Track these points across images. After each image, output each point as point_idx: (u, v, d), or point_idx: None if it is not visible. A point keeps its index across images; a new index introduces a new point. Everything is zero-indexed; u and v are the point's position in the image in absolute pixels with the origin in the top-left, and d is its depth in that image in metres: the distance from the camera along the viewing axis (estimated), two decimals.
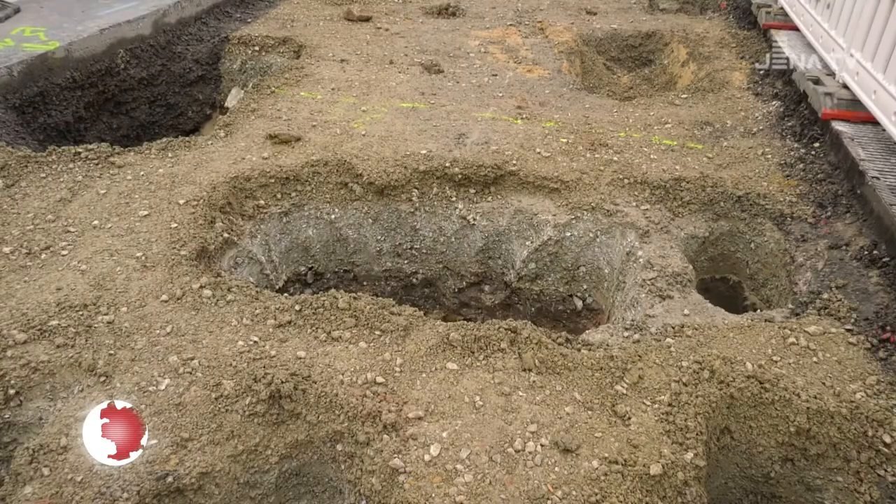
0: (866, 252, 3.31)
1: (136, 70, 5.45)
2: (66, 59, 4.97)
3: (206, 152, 4.07)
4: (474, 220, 3.91)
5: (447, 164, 3.97)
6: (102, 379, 2.48)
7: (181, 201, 3.53)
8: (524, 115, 4.71)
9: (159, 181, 3.72)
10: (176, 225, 3.33)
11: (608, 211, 3.74)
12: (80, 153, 3.96)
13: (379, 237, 4.00)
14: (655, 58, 6.65)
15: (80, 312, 2.77)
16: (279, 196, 3.85)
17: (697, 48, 6.22)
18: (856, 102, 4.37)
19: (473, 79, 5.33)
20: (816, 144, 4.38)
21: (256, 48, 5.93)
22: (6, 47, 4.92)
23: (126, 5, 5.99)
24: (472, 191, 3.96)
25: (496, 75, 5.42)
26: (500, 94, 5.06)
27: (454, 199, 3.94)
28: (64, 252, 3.14)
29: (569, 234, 3.79)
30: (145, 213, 3.44)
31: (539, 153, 4.16)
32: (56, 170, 3.82)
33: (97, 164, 3.88)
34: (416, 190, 3.93)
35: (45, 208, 3.47)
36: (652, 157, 4.22)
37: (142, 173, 3.80)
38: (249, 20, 6.50)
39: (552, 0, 7.70)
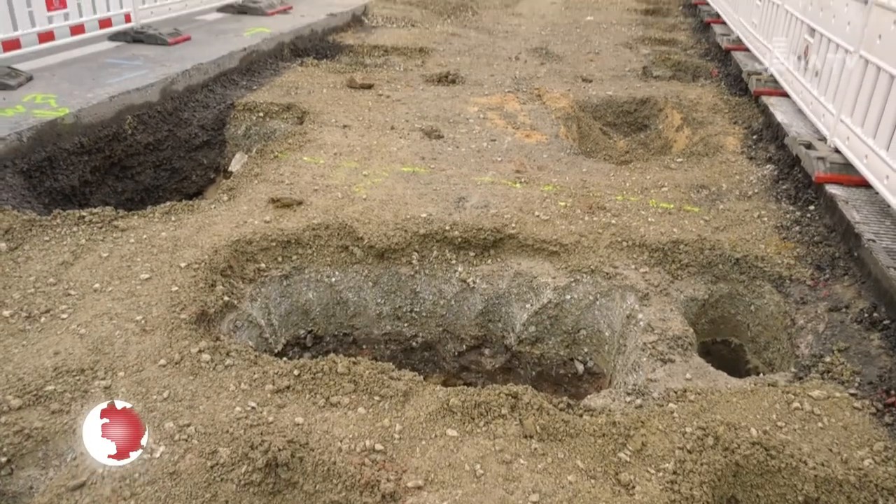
0: (866, 315, 3.31)
1: (143, 135, 5.57)
2: (75, 124, 5.09)
3: (209, 216, 4.12)
4: (474, 283, 3.92)
5: (447, 228, 4.01)
6: None
7: (183, 264, 3.55)
8: (523, 179, 4.79)
9: (162, 244, 3.75)
10: (177, 288, 3.34)
11: (607, 274, 3.76)
12: (84, 217, 4.00)
13: (379, 300, 4.00)
14: (650, 123, 6.81)
15: (77, 377, 2.74)
16: (280, 259, 3.87)
17: (691, 114, 6.38)
18: (848, 166, 4.46)
19: (473, 144, 5.45)
20: (811, 207, 4.44)
21: (261, 114, 6.08)
22: (17, 113, 5.04)
23: (136, 73, 6.17)
24: (472, 254, 3.99)
25: (495, 140, 5.54)
26: (499, 159, 5.16)
27: (454, 262, 3.96)
28: (63, 315, 3.13)
29: (568, 296, 3.79)
30: (147, 276, 3.45)
31: (538, 216, 4.21)
32: (60, 233, 3.85)
33: (101, 228, 3.92)
34: (416, 253, 3.96)
35: (46, 271, 3.48)
36: (649, 219, 4.27)
37: (144, 237, 3.83)
38: (255, 87, 6.68)
39: (549, 68, 7.95)
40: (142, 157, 5.55)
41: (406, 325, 4.07)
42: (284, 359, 3.09)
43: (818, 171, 4.50)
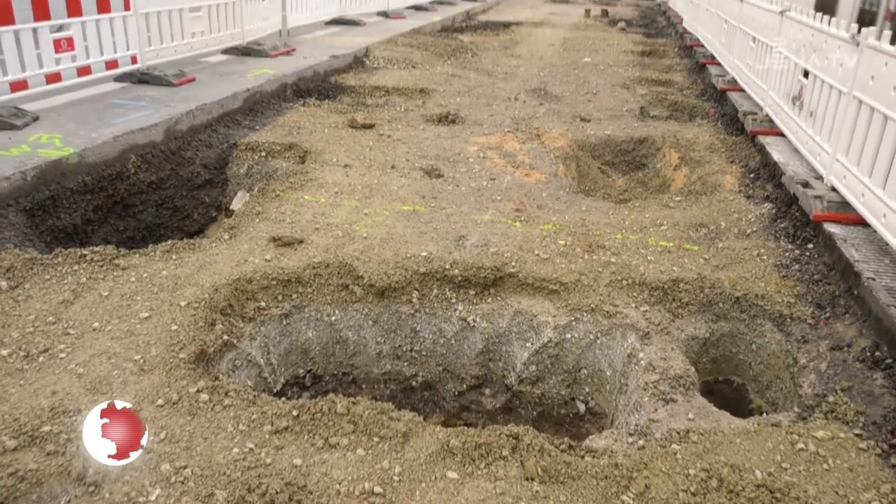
0: (868, 353, 3.30)
1: (146, 174, 5.63)
2: (79, 164, 5.14)
3: (210, 254, 4.13)
4: (474, 321, 3.91)
5: (447, 266, 4.02)
6: (91, 489, 2.40)
7: (183, 303, 3.54)
8: (522, 218, 4.82)
9: (162, 283, 3.76)
10: (176, 327, 3.33)
11: (608, 312, 3.76)
12: (85, 255, 4.02)
13: (379, 339, 3.99)
14: (648, 162, 6.88)
15: (74, 418, 2.72)
16: (280, 298, 3.87)
17: (688, 153, 6.45)
18: (845, 205, 4.49)
19: (473, 182, 5.50)
20: (810, 246, 4.46)
21: (263, 153, 6.15)
22: (22, 153, 5.10)
23: (140, 113, 6.26)
24: (472, 292, 3.99)
25: (495, 179, 5.59)
26: (499, 198, 5.20)
27: (454, 300, 3.96)
28: (62, 355, 3.12)
29: (569, 335, 3.78)
30: (146, 315, 3.45)
31: (538, 255, 4.22)
32: (61, 272, 3.86)
33: (101, 266, 3.93)
34: (416, 292, 3.96)
35: (46, 310, 3.48)
36: (649, 258, 4.28)
37: (145, 275, 3.84)
38: (258, 127, 6.77)
39: (547, 108, 8.07)
40: (144, 196, 5.60)
41: (406, 364, 4.05)
42: (283, 399, 3.06)
43: (816, 210, 4.53)
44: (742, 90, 8.14)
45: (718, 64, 10.00)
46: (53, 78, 6.38)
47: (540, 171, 5.83)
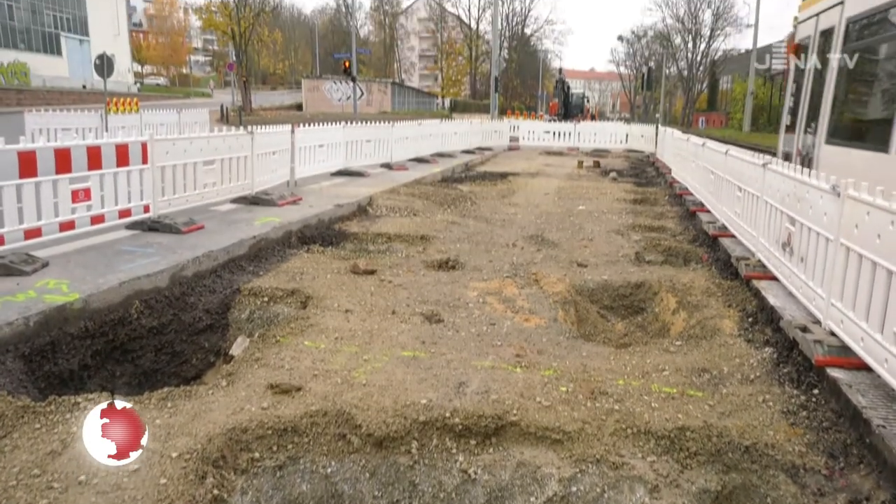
0: None
1: (148, 319, 5.67)
2: (82, 309, 5.20)
3: (206, 402, 4.06)
4: (475, 473, 3.76)
5: (447, 415, 3.94)
6: None
7: (174, 454, 3.43)
8: (523, 364, 4.79)
9: (155, 432, 3.66)
10: (165, 481, 3.20)
11: (613, 463, 3.62)
12: (79, 403, 3.95)
13: (376, 493, 3.81)
14: (647, 306, 6.95)
15: None
16: (275, 448, 3.75)
17: (685, 297, 6.53)
18: (846, 349, 4.48)
19: (473, 328, 5.52)
20: (816, 391, 4.39)
21: (265, 299, 6.23)
22: (28, 298, 5.18)
23: (148, 260, 6.43)
24: (473, 442, 3.87)
25: (494, 324, 5.62)
26: (499, 343, 5.20)
27: (454, 450, 3.83)
28: None
29: (574, 488, 3.62)
30: (136, 467, 3.32)
31: (539, 402, 4.15)
32: (52, 420, 3.78)
33: None
34: (415, 441, 3.84)
35: (32, 462, 3.36)
36: (653, 405, 4.20)
37: None
38: (261, 273, 6.92)
39: (545, 254, 8.28)
40: (144, 341, 5.60)
41: None
42: None
43: (817, 355, 4.51)
44: (733, 236, 8.40)
45: (708, 211, 10.40)
46: (67, 226, 6.62)
47: (539, 316, 5.87)
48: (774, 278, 6.39)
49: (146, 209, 7.77)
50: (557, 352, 5.10)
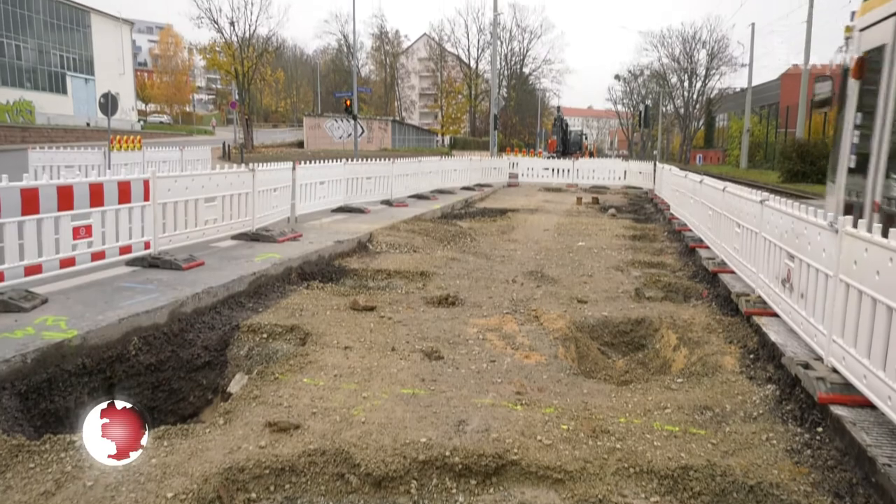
0: None
1: (146, 356, 5.63)
2: (80, 346, 5.18)
3: (203, 441, 4.01)
4: None
5: (447, 454, 3.89)
6: None
7: (170, 494, 3.38)
8: (523, 401, 4.74)
9: (150, 472, 3.61)
10: None
11: None
12: (74, 441, 3.90)
13: None
14: (647, 342, 6.91)
15: None
16: (272, 488, 3.70)
17: (686, 333, 6.50)
18: (849, 386, 4.45)
19: (472, 365, 5.48)
20: (819, 429, 4.34)
21: (264, 335, 6.20)
22: (26, 335, 5.16)
23: (147, 296, 6.42)
24: (473, 482, 3.81)
25: (494, 361, 5.59)
26: (499, 380, 5.16)
27: (454, 490, 3.77)
28: None
29: None
30: None
31: (540, 441, 4.10)
32: (46, 459, 3.73)
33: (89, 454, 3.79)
34: (414, 481, 3.78)
35: (25, 502, 3.31)
36: (655, 443, 4.15)
37: (133, 464, 3.69)
38: (261, 309, 6.90)
39: (544, 290, 8.28)
40: (142, 378, 5.56)
41: None
42: None
43: (820, 392, 4.47)
44: (733, 272, 8.41)
45: (707, 247, 10.43)
46: (67, 262, 6.63)
47: (539, 353, 5.84)
48: (775, 314, 6.38)
49: (147, 245, 7.80)
50: (558, 389, 5.06)
